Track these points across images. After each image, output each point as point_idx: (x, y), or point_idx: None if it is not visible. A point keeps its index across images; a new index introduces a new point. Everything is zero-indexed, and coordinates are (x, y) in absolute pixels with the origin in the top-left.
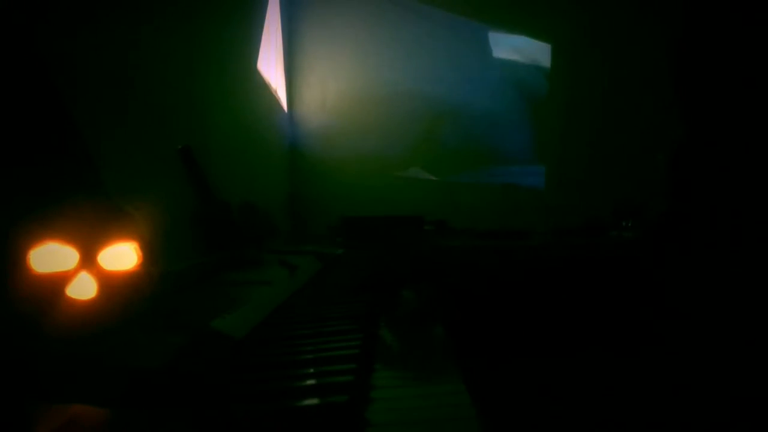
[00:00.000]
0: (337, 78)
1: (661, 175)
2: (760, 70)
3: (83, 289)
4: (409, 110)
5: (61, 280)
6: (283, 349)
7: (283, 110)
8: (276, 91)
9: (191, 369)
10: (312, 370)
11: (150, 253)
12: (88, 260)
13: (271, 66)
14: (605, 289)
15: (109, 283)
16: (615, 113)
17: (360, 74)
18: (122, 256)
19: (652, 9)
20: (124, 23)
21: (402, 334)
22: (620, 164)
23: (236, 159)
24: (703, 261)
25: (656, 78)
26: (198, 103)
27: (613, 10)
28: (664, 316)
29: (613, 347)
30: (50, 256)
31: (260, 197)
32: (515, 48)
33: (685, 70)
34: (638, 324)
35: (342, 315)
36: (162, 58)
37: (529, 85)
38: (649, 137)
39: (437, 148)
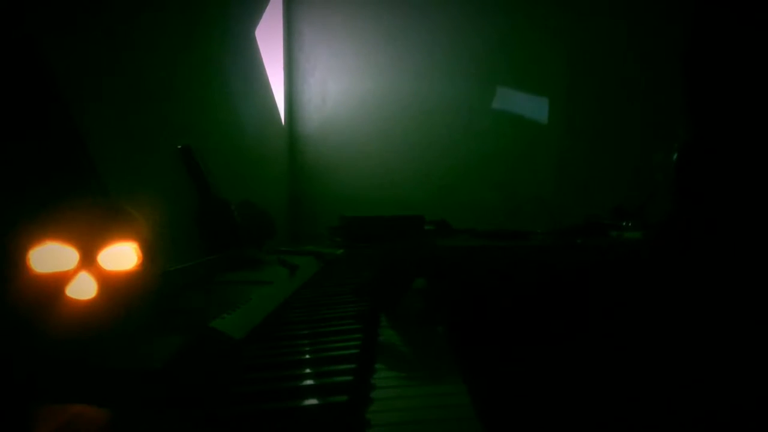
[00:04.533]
0: (337, 78)
1: (663, 176)
2: None
3: (83, 289)
4: (410, 110)
5: (61, 280)
6: (282, 349)
7: (283, 110)
8: (276, 91)
9: (191, 369)
10: (312, 370)
11: (150, 253)
12: (88, 260)
13: (271, 65)
14: (606, 289)
15: (109, 283)
16: (615, 113)
17: (361, 74)
18: (122, 256)
19: (656, 10)
20: (124, 23)
21: (402, 334)
22: (620, 164)
23: (236, 159)
24: (709, 262)
25: (657, 79)
26: (198, 102)
27: (616, 10)
28: (666, 316)
29: (614, 347)
30: (50, 256)
31: (260, 197)
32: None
33: (694, 72)
34: (640, 324)
35: (342, 315)
36: (162, 58)
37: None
38: (649, 137)
39: (438, 147)
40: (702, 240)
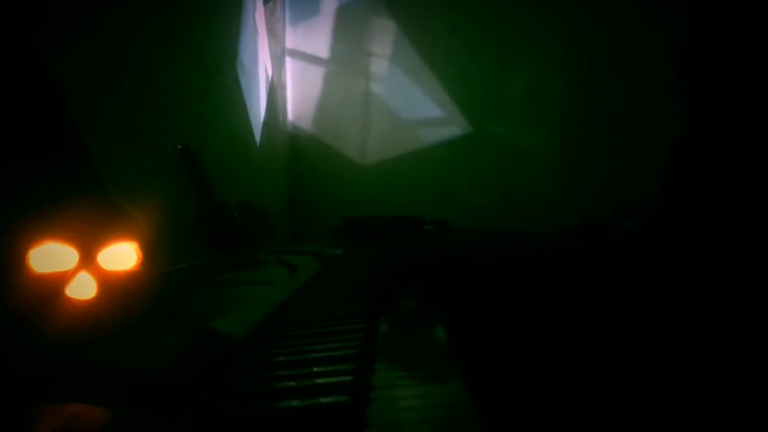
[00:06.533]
0: (337, 78)
1: (661, 173)
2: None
3: (83, 289)
4: (410, 111)
5: (61, 280)
6: (282, 349)
7: (284, 110)
8: (276, 91)
9: (191, 369)
10: (312, 370)
11: (150, 253)
12: (87, 260)
13: (272, 66)
14: (605, 287)
15: (109, 283)
16: (615, 113)
17: (363, 75)
18: (122, 256)
19: (653, 9)
20: (124, 23)
21: (402, 335)
22: (620, 164)
23: (236, 159)
24: (702, 255)
25: (656, 78)
26: (198, 103)
27: (614, 11)
28: (663, 312)
29: (614, 345)
30: (50, 256)
31: (260, 197)
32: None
33: (690, 68)
34: (638, 321)
35: (342, 315)
36: (162, 58)
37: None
38: (649, 137)
39: (438, 148)
40: (692, 232)
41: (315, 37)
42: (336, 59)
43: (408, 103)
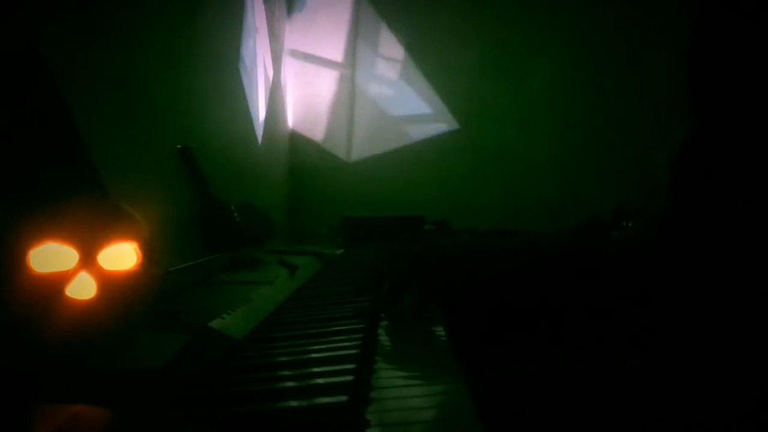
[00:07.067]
0: (338, 77)
1: (663, 174)
2: None
3: (83, 289)
4: (410, 110)
5: (60, 280)
6: (282, 349)
7: (283, 109)
8: (276, 91)
9: (191, 369)
10: (311, 371)
11: (150, 253)
12: (87, 260)
13: (272, 66)
14: (606, 288)
15: (109, 283)
16: (615, 113)
17: (363, 74)
18: (122, 256)
19: (655, 6)
20: (124, 23)
21: (402, 334)
22: (620, 164)
23: (236, 159)
24: (706, 259)
25: (657, 77)
26: (198, 103)
27: (615, 10)
28: (665, 315)
29: (614, 347)
30: (50, 256)
31: (260, 197)
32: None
33: (698, 70)
34: (639, 323)
35: (342, 315)
36: (162, 58)
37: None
38: (649, 137)
39: (438, 148)
40: (698, 237)
41: (316, 37)
42: (337, 59)
43: (409, 103)
